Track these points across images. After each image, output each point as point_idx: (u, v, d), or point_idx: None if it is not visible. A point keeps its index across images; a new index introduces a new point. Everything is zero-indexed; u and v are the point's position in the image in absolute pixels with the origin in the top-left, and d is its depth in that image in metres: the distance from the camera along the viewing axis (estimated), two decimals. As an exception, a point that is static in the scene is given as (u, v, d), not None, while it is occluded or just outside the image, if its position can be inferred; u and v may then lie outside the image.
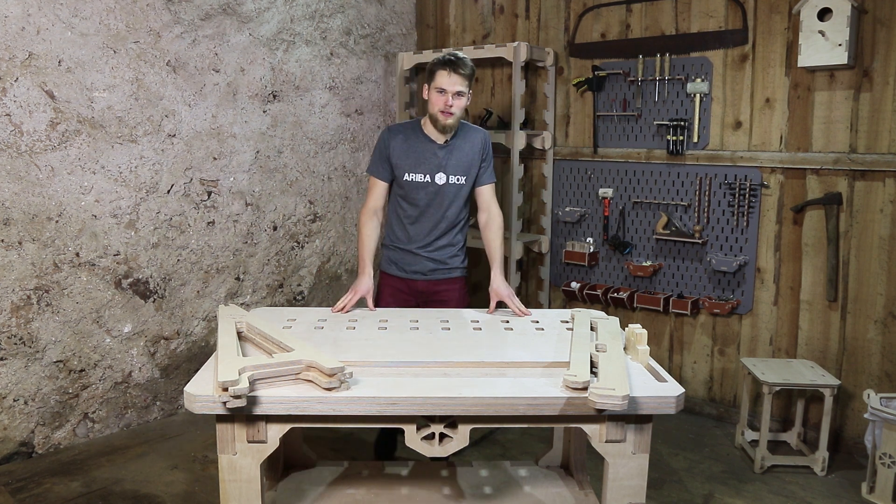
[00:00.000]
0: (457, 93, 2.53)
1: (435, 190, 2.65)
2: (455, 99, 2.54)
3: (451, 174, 2.65)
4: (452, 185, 2.66)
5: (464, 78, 2.53)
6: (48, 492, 2.79)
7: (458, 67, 2.52)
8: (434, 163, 2.64)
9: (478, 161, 2.70)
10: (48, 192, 3.03)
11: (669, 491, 2.91)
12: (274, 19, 3.78)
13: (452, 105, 2.54)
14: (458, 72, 2.52)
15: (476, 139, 2.70)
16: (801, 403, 3.29)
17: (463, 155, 2.66)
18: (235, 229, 3.76)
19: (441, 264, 2.73)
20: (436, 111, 2.57)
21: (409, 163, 2.65)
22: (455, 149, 2.66)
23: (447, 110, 2.55)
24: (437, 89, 2.55)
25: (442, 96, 2.54)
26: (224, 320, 2.10)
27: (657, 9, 3.70)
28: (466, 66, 2.54)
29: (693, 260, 3.68)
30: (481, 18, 4.42)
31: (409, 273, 2.73)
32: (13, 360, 3.00)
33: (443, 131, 2.61)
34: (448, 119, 2.57)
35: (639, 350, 1.96)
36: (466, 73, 2.54)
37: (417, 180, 2.64)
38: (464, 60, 2.55)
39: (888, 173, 3.09)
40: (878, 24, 3.06)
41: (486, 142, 2.73)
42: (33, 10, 2.91)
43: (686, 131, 3.62)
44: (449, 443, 1.77)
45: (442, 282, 2.75)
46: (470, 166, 2.68)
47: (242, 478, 1.73)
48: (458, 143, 2.67)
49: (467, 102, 2.61)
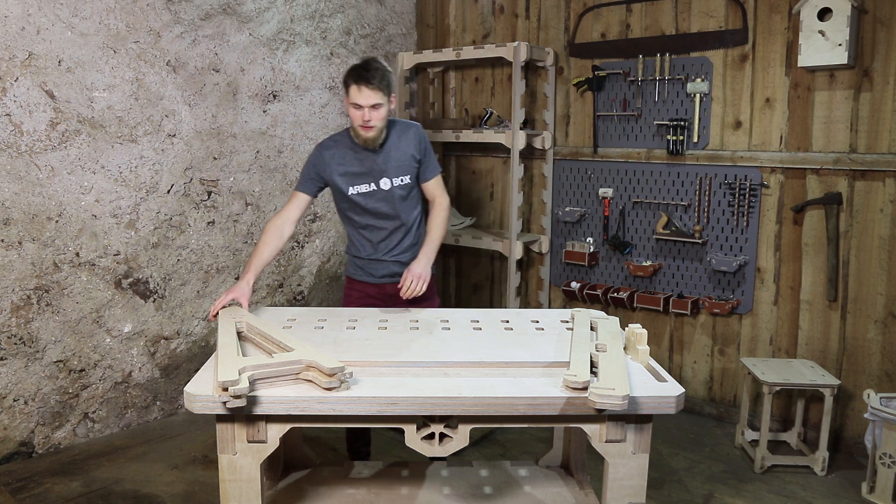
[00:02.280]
0: (372, 106, 2.42)
1: (383, 196, 2.59)
2: (372, 112, 2.43)
3: (394, 177, 2.58)
4: (399, 187, 2.60)
5: (376, 90, 2.40)
6: (48, 492, 2.79)
7: (368, 81, 2.39)
8: (375, 169, 2.57)
9: (417, 157, 2.63)
10: (48, 191, 3.03)
11: (669, 491, 2.91)
12: (274, 19, 3.78)
13: (370, 119, 2.43)
14: (367, 85, 2.39)
15: (410, 135, 2.62)
16: (801, 403, 3.29)
17: (401, 154, 2.60)
18: (235, 229, 3.76)
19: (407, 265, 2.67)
20: (356, 126, 2.48)
21: (350, 177, 2.57)
22: (392, 150, 2.59)
23: (366, 125, 2.45)
24: (352, 104, 2.44)
25: (359, 111, 2.44)
26: (224, 320, 2.10)
27: (657, 9, 3.70)
28: (377, 78, 2.41)
29: (693, 260, 3.68)
30: (481, 18, 4.42)
31: (377, 278, 2.68)
32: (13, 360, 3.00)
33: (366, 145, 2.54)
34: (369, 133, 2.47)
35: (639, 350, 1.96)
36: (377, 84, 2.40)
37: (363, 191, 2.57)
38: (372, 72, 2.41)
39: (888, 173, 3.09)
40: (878, 23, 3.06)
41: (421, 136, 2.65)
42: (33, 10, 2.91)
43: (686, 131, 3.62)
44: (449, 443, 1.77)
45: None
46: (411, 163, 2.62)
47: (242, 478, 1.73)
48: (394, 144, 2.59)
49: (390, 110, 2.51)
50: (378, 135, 2.51)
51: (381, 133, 2.53)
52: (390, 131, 2.61)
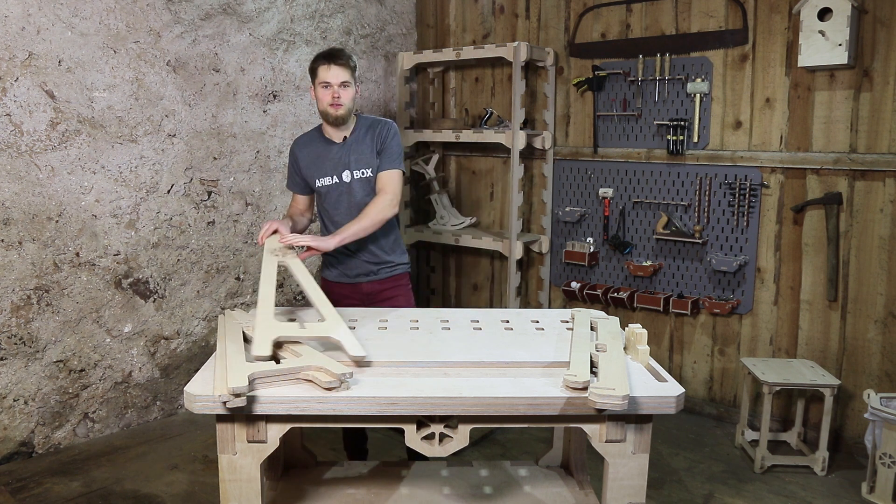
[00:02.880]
0: (341, 83, 2.50)
1: (345, 188, 2.61)
2: (341, 90, 2.50)
3: (354, 169, 2.60)
4: (359, 181, 2.60)
5: (345, 68, 2.50)
6: (48, 492, 2.79)
7: (337, 59, 2.50)
8: (337, 162, 2.60)
9: (377, 149, 2.63)
10: (48, 191, 3.03)
11: (669, 491, 2.91)
12: (274, 19, 3.79)
13: (340, 96, 2.50)
14: (337, 63, 2.50)
15: (377, 129, 2.63)
16: (801, 403, 3.29)
17: (364, 147, 2.61)
18: (235, 229, 3.76)
19: (382, 264, 2.68)
20: (325, 106, 2.53)
21: (316, 169, 2.62)
22: (355, 143, 2.61)
23: (336, 102, 2.51)
24: (321, 84, 2.52)
25: (328, 90, 2.51)
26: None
27: (657, 9, 3.70)
28: (345, 57, 2.52)
29: (693, 260, 3.68)
30: (481, 18, 4.42)
31: (352, 277, 2.68)
32: (13, 360, 3.00)
33: (335, 124, 2.56)
34: (339, 110, 2.52)
35: (639, 350, 1.96)
36: (347, 63, 2.51)
37: (327, 183, 2.62)
38: (342, 52, 2.54)
39: (888, 173, 3.09)
40: (878, 23, 3.06)
41: (388, 130, 2.64)
42: (33, 10, 2.91)
43: (686, 131, 3.62)
44: (449, 443, 1.77)
45: (387, 280, 2.71)
46: (372, 157, 2.63)
47: (242, 478, 1.73)
48: (359, 137, 2.62)
49: (356, 93, 2.58)
50: (347, 114, 2.55)
51: (350, 113, 2.57)
52: (359, 126, 2.63)
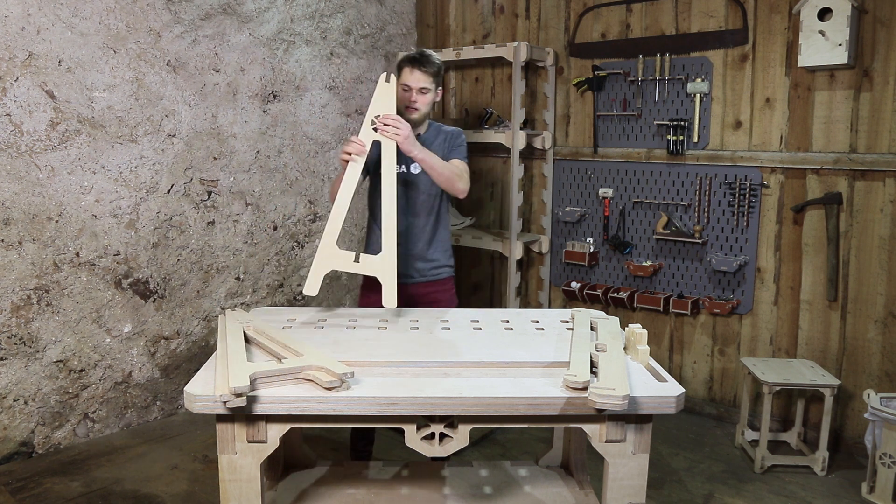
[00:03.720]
0: (420, 89, 2.58)
1: (411, 179, 2.66)
2: (419, 95, 2.59)
3: None
4: (425, 174, 2.63)
5: (427, 75, 2.58)
6: (48, 492, 2.79)
7: (421, 64, 2.57)
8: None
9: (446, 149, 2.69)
10: (48, 191, 3.03)
11: (669, 491, 2.91)
12: (274, 19, 3.79)
13: (416, 101, 2.59)
14: (420, 69, 2.57)
15: (448, 134, 2.71)
16: (801, 403, 3.29)
17: (435, 147, 2.66)
18: (235, 229, 3.76)
19: (429, 263, 2.71)
20: (401, 107, 2.60)
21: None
22: (427, 141, 2.66)
23: (411, 106, 2.60)
24: (402, 86, 2.60)
25: (407, 93, 2.60)
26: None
27: (657, 9, 3.70)
28: (430, 64, 2.58)
29: (693, 260, 3.68)
30: (481, 18, 4.42)
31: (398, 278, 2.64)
32: (13, 360, 3.00)
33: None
34: (412, 114, 2.60)
35: (639, 350, 1.96)
36: (430, 70, 2.58)
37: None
38: (429, 58, 2.60)
39: (888, 173, 3.09)
40: (878, 23, 3.06)
41: (458, 133, 2.73)
42: (33, 10, 2.91)
43: (686, 131, 3.62)
44: (449, 443, 1.77)
45: (431, 283, 2.73)
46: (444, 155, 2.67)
47: (242, 478, 1.73)
48: (430, 138, 2.69)
49: (435, 99, 2.65)
50: (420, 118, 2.63)
51: (424, 119, 2.65)
52: (432, 129, 2.71)
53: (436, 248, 2.73)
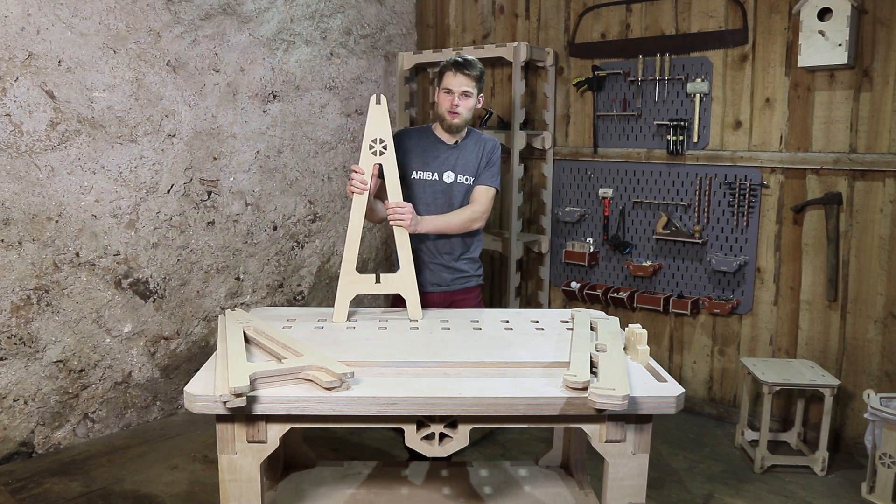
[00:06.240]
0: (463, 93, 2.55)
1: (443, 188, 2.62)
2: (461, 99, 2.55)
3: (459, 173, 2.62)
4: (461, 185, 2.63)
5: (470, 79, 2.55)
6: (48, 492, 2.79)
7: (465, 68, 2.54)
8: (443, 161, 2.62)
9: (482, 163, 2.67)
10: (48, 192, 3.03)
11: (669, 491, 2.91)
12: (274, 19, 3.78)
13: (459, 105, 2.55)
14: (463, 72, 2.54)
15: (485, 144, 2.69)
16: (801, 403, 3.29)
17: (473, 157, 2.65)
18: (235, 229, 3.76)
19: (458, 272, 2.69)
20: (443, 111, 2.58)
21: (417, 161, 2.63)
22: (465, 150, 2.65)
23: (453, 110, 2.56)
24: (444, 90, 2.58)
25: (448, 97, 2.56)
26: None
27: (657, 9, 3.70)
28: (473, 68, 2.56)
29: (693, 260, 3.68)
30: (481, 18, 4.42)
31: (426, 287, 2.64)
32: (13, 360, 3.00)
33: (449, 131, 2.61)
34: (455, 119, 2.57)
35: (639, 350, 1.96)
36: (473, 74, 2.55)
37: (425, 178, 2.62)
38: (471, 62, 2.56)
39: (888, 173, 3.09)
40: (878, 24, 3.06)
41: (495, 147, 2.71)
42: (33, 10, 2.91)
43: (686, 131, 3.62)
44: (449, 443, 1.77)
45: (458, 292, 2.70)
46: (476, 168, 2.67)
47: (242, 478, 1.73)
48: (469, 146, 2.66)
49: (476, 104, 2.62)
50: (462, 123, 2.60)
51: (465, 124, 2.62)
52: (470, 136, 2.68)
53: (467, 257, 2.71)
